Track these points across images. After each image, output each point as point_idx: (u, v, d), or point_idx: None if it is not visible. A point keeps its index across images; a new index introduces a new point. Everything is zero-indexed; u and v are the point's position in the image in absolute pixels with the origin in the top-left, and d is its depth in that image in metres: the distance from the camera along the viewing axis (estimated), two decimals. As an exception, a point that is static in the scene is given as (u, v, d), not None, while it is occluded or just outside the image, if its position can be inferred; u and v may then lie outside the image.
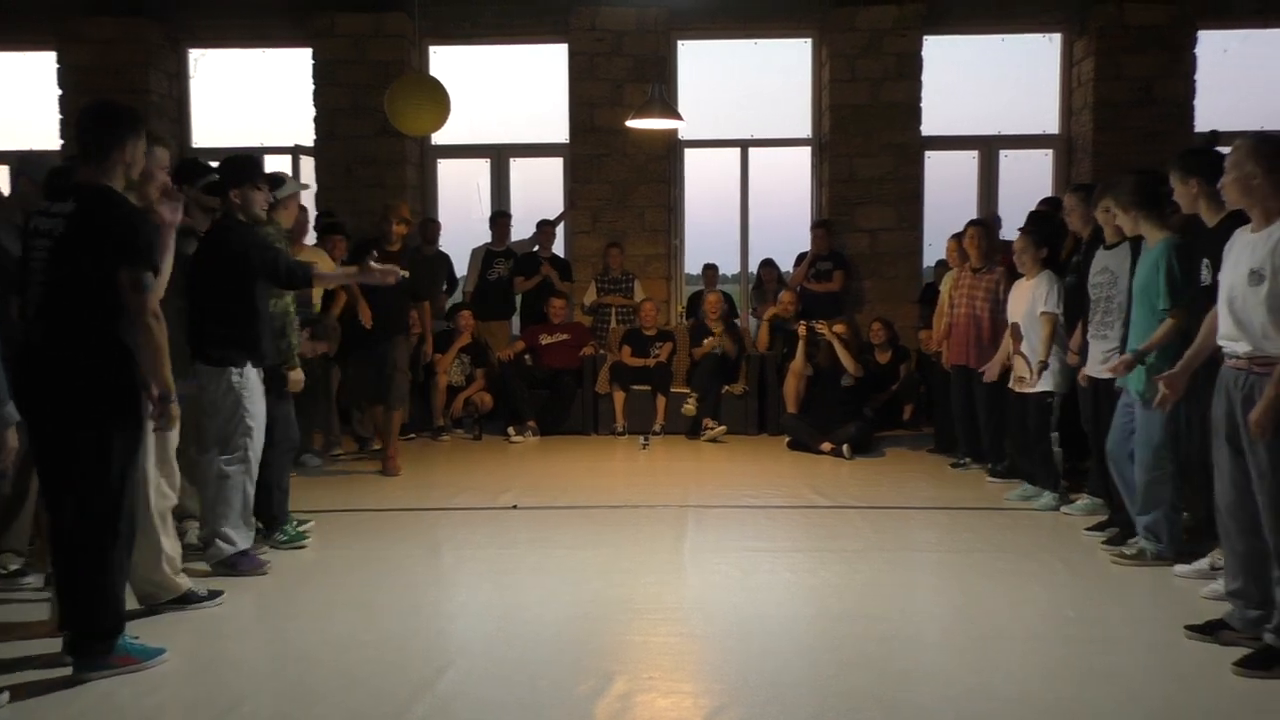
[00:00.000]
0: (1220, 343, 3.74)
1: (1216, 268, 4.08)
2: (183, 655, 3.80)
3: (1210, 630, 3.84)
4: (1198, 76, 9.28)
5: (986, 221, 7.36)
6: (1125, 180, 4.96)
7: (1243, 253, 3.65)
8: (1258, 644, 3.61)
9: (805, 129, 10.08)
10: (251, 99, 10.47)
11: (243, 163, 5.02)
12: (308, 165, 9.81)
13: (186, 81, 10.26)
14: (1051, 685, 3.50)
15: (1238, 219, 3.97)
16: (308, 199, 9.16)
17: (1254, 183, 3.60)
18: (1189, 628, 3.90)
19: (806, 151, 10.10)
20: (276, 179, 5.37)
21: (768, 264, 9.72)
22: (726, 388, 8.65)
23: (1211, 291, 4.21)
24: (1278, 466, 3.49)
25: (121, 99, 4.51)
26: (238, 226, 4.82)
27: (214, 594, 4.36)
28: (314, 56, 9.72)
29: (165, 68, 10.00)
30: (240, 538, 4.74)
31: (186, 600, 4.26)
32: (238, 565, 4.70)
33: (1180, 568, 4.66)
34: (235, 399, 4.67)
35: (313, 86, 9.73)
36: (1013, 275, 6.39)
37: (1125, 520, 5.11)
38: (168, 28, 9.93)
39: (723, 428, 8.33)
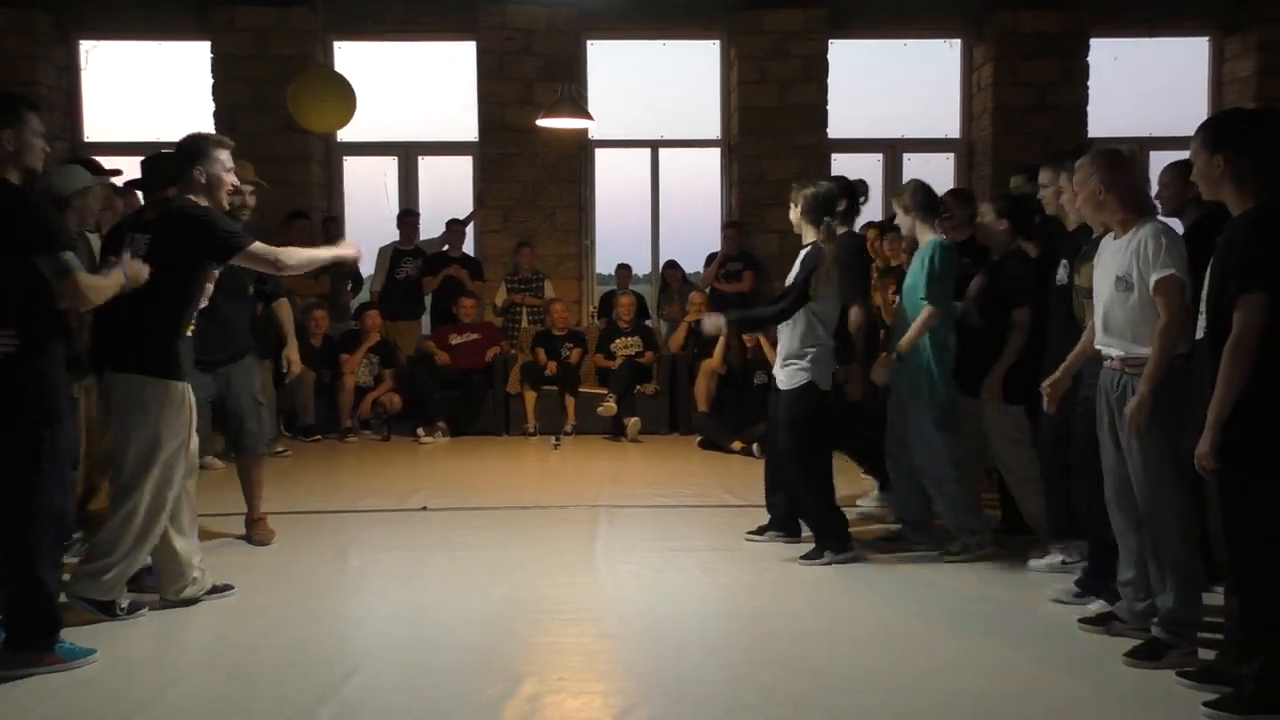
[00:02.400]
0: (1097, 345, 3.84)
1: (1073, 270, 4.28)
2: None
3: (1102, 622, 3.96)
4: (1090, 83, 9.62)
5: (883, 224, 7.47)
6: (907, 185, 5.15)
7: (1110, 260, 3.76)
8: (1146, 635, 3.73)
9: (715, 130, 10.16)
10: (147, 93, 10.15)
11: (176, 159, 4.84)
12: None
13: (77, 74, 9.89)
14: (951, 678, 3.58)
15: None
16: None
17: (1100, 198, 3.75)
18: (1082, 620, 4.01)
19: (716, 153, 10.19)
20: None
21: (672, 265, 9.77)
22: (639, 387, 8.68)
23: (1066, 292, 4.40)
24: (1150, 465, 3.62)
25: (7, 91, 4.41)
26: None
27: (135, 606, 4.22)
28: (213, 50, 9.47)
29: (54, 59, 9.63)
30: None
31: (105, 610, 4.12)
32: (141, 580, 4.54)
33: (1034, 562, 4.79)
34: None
35: (212, 81, 9.48)
36: None
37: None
38: (57, 18, 9.56)
39: (636, 419, 8.36)
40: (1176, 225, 4.42)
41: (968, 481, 5.04)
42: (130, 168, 5.84)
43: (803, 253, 4.98)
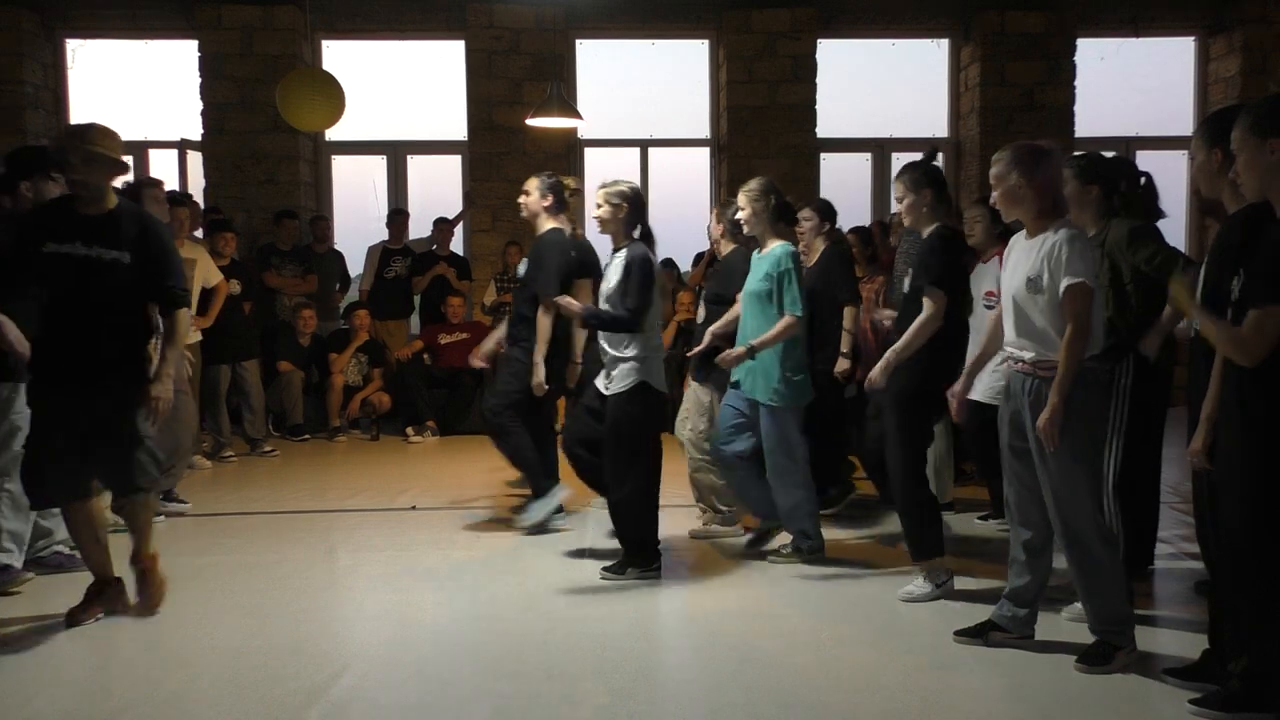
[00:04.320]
0: (1006, 348, 3.74)
1: (930, 275, 4.26)
2: (57, 665, 3.67)
3: (979, 633, 3.87)
4: (1077, 83, 9.66)
5: (864, 228, 7.45)
6: (758, 184, 4.95)
7: (1020, 260, 3.65)
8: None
9: (704, 130, 10.18)
10: (134, 91, 10.11)
11: (33, 153, 4.86)
12: (195, 160, 9.51)
13: (64, 73, 9.86)
14: (938, 677, 3.60)
15: (951, 233, 4.31)
16: (194, 194, 8.89)
17: (1020, 192, 3.62)
18: (958, 633, 3.90)
19: (705, 152, 10.20)
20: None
21: (667, 264, 9.76)
22: (626, 386, 8.67)
23: (915, 297, 4.37)
24: (1065, 470, 3.52)
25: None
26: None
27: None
28: (200, 49, 9.44)
29: (41, 58, 9.59)
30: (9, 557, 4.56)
31: None
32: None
33: (903, 590, 4.52)
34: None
35: (199, 80, 9.45)
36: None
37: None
38: (43, 16, 9.53)
39: None
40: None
41: (812, 488, 4.98)
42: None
43: (627, 256, 4.72)
